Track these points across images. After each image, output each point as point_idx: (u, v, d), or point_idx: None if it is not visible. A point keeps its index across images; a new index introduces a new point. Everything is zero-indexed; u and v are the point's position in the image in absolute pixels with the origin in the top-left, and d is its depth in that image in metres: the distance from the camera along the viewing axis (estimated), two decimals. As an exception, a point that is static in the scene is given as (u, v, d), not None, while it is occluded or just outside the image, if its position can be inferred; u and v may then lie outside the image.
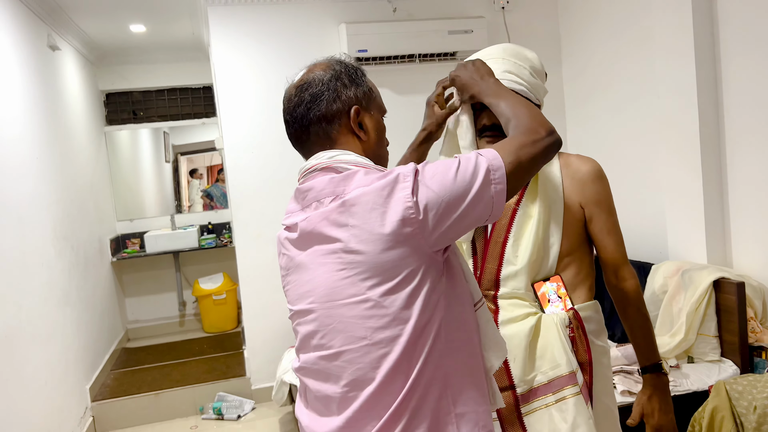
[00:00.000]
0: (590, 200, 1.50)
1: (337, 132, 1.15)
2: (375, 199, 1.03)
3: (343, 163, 1.11)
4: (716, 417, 2.20)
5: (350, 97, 1.16)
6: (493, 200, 1.05)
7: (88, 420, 3.75)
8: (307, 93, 1.16)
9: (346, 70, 1.19)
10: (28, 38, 3.49)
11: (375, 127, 1.20)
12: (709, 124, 2.86)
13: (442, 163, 1.06)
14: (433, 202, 1.02)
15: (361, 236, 1.03)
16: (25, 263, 2.99)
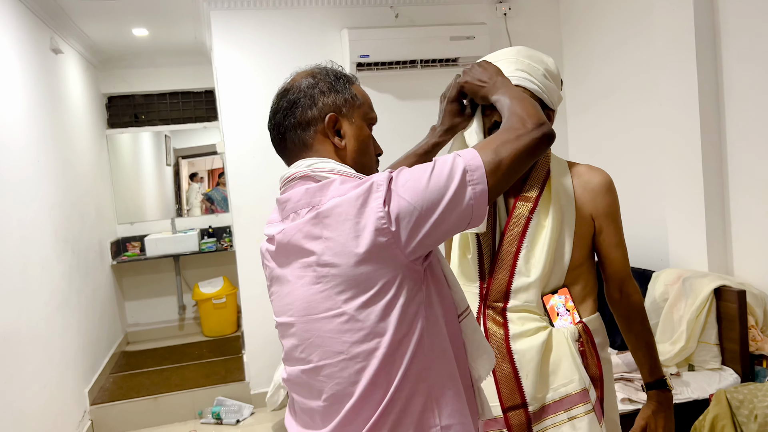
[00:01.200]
0: (601, 212, 1.47)
1: (312, 139, 1.13)
2: (348, 210, 1.00)
3: (321, 171, 1.09)
4: (717, 425, 2.19)
5: (327, 104, 1.14)
6: (473, 203, 1.00)
7: (87, 423, 3.74)
8: (285, 100, 1.16)
9: (327, 78, 1.17)
10: (31, 41, 3.49)
11: (355, 134, 1.15)
12: (710, 132, 2.86)
13: (418, 168, 1.02)
14: (404, 211, 0.98)
15: (335, 249, 1.00)
16: (25, 266, 2.99)
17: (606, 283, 1.52)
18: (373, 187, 1.00)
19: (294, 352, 1.10)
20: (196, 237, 5.44)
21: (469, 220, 1.02)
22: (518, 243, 1.43)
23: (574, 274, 1.47)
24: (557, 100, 1.48)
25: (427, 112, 4.02)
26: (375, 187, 1.00)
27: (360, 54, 3.69)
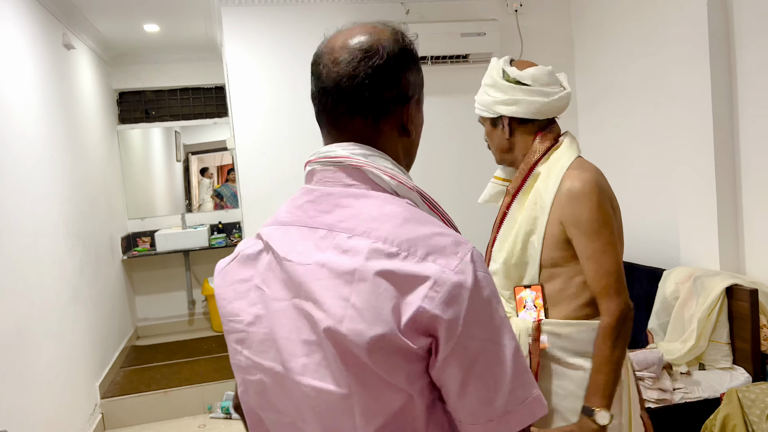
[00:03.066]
0: (568, 220, 1.44)
1: (384, 123, 0.90)
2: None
3: (376, 168, 0.87)
4: (728, 425, 2.18)
5: (411, 83, 0.91)
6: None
7: (98, 417, 3.77)
8: (367, 63, 0.87)
9: (412, 48, 0.93)
10: (43, 37, 3.52)
11: (419, 124, 0.97)
12: (723, 130, 2.84)
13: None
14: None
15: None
16: (38, 260, 3.02)
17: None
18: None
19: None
20: (206, 232, 5.47)
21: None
22: (495, 232, 1.56)
23: (548, 274, 1.48)
24: (516, 106, 1.51)
25: (437, 109, 4.01)
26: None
27: (370, 50, 3.69)
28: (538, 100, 1.49)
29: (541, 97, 1.49)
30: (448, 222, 0.89)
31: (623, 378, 1.47)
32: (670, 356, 2.68)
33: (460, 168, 4.03)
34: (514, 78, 1.51)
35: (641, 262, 3.43)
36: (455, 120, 4.02)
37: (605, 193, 1.46)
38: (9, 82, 2.89)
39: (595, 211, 1.41)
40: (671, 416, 2.41)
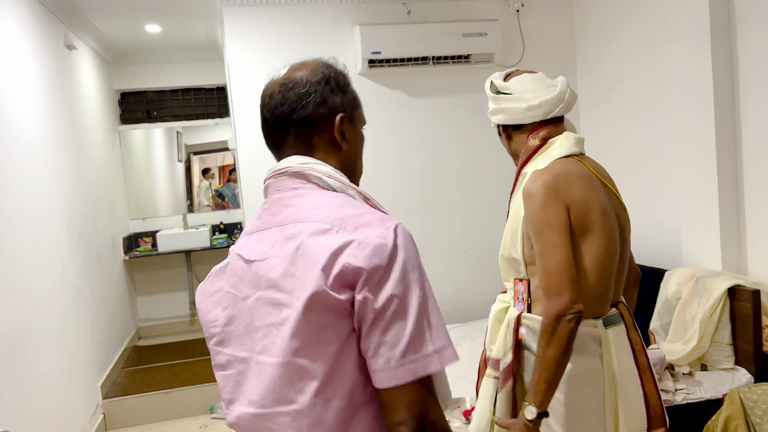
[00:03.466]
0: (525, 220, 1.53)
1: (317, 138, 1.07)
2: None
3: (317, 172, 1.04)
4: (730, 426, 2.18)
5: (336, 103, 1.07)
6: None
7: (99, 417, 3.77)
8: (293, 92, 1.06)
9: (335, 75, 1.10)
10: (45, 38, 3.52)
11: (356, 138, 1.12)
12: (725, 129, 2.83)
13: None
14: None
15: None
16: (40, 260, 3.02)
17: None
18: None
19: None
20: (207, 233, 5.47)
21: None
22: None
23: (531, 270, 1.55)
24: (503, 114, 1.65)
25: (439, 109, 4.01)
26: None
27: (372, 50, 3.69)
28: (518, 106, 1.59)
29: (520, 103, 1.59)
30: (382, 212, 1.03)
31: (604, 379, 1.48)
32: (672, 357, 2.68)
33: (462, 168, 4.03)
34: (498, 89, 1.66)
35: (643, 262, 3.42)
36: (457, 120, 4.02)
37: (555, 195, 1.46)
38: (11, 83, 2.90)
39: (538, 212, 1.46)
40: (673, 417, 2.40)
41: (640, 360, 1.53)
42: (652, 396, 1.51)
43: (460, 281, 4.03)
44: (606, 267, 1.50)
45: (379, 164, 3.94)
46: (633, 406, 1.48)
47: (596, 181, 1.55)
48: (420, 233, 4.03)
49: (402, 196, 3.99)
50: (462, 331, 3.63)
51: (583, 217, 1.47)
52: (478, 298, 3.91)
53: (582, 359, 1.47)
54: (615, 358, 1.48)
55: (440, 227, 4.05)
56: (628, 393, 1.48)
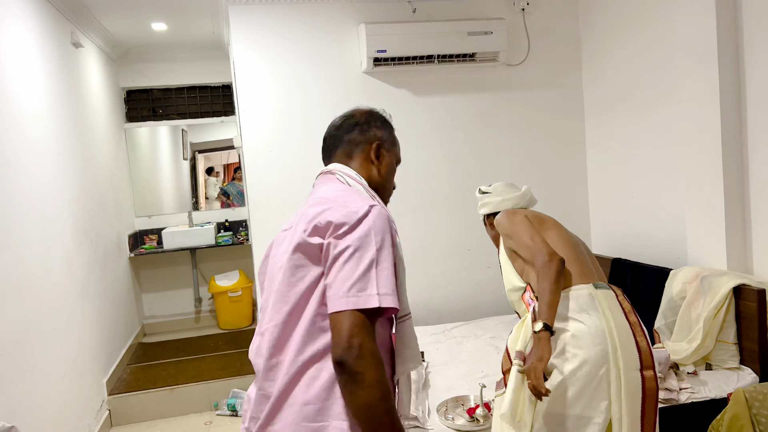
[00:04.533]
0: (503, 242, 2.29)
1: (357, 153, 1.48)
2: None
3: (344, 175, 1.43)
4: (735, 425, 2.17)
5: (377, 134, 1.50)
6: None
7: (105, 413, 3.79)
8: (349, 121, 1.50)
9: (381, 117, 1.53)
10: (52, 35, 3.54)
11: (387, 165, 1.51)
12: (731, 129, 2.83)
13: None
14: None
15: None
16: (46, 257, 3.04)
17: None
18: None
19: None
20: (212, 230, 5.49)
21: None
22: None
23: (525, 276, 2.14)
24: (486, 206, 2.44)
25: (444, 108, 4.01)
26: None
27: (377, 49, 3.69)
28: (496, 199, 2.41)
29: (498, 196, 2.41)
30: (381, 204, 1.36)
31: (604, 334, 1.86)
32: (677, 356, 2.68)
33: (467, 166, 4.03)
34: (483, 190, 2.47)
35: (648, 261, 3.42)
36: (462, 119, 4.02)
37: (514, 215, 2.20)
38: (18, 80, 2.91)
39: (507, 227, 2.18)
40: (678, 416, 2.40)
41: (630, 318, 1.92)
42: (642, 344, 1.88)
43: (463, 280, 4.03)
44: (572, 241, 2.09)
45: (384, 162, 3.94)
46: (627, 350, 1.84)
47: (542, 213, 2.26)
48: (424, 231, 4.03)
49: (406, 195, 3.99)
50: (466, 329, 3.64)
51: (537, 219, 2.17)
52: (481, 297, 3.91)
53: (585, 317, 1.88)
54: (609, 313, 1.89)
55: (444, 226, 4.06)
56: (622, 339, 1.85)
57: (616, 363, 1.82)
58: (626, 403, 1.80)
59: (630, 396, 1.80)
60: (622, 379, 1.81)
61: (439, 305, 4.05)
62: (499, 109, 4.05)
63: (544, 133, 4.11)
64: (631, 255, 3.61)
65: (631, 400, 1.81)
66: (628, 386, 1.81)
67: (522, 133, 4.09)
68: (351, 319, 1.16)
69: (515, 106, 4.07)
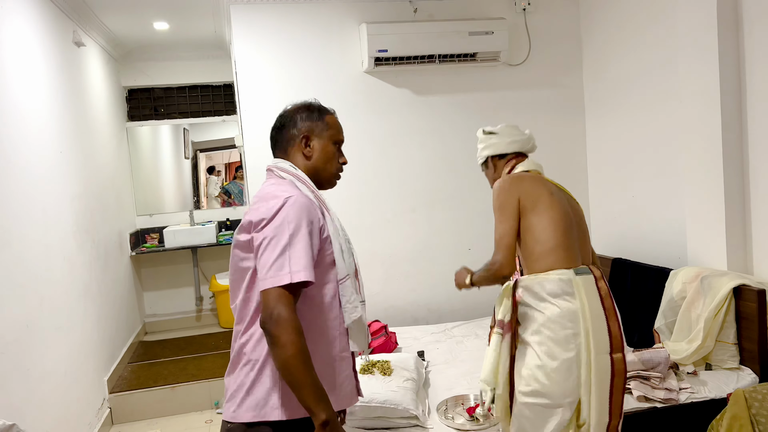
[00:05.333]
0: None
1: (290, 147, 1.70)
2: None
3: (278, 169, 1.67)
4: (734, 425, 2.18)
5: (304, 127, 1.70)
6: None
7: (106, 411, 3.80)
8: (279, 121, 1.73)
9: (308, 110, 1.72)
10: (54, 34, 3.54)
11: (321, 149, 1.70)
12: (732, 129, 2.83)
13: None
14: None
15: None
16: (48, 256, 3.04)
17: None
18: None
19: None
20: (213, 229, 5.49)
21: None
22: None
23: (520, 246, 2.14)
24: (492, 147, 2.32)
25: (445, 108, 4.02)
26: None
27: (378, 48, 3.69)
28: (505, 140, 2.30)
29: (506, 137, 2.30)
30: (312, 191, 1.65)
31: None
32: (677, 356, 2.68)
33: (468, 166, 4.03)
34: (488, 131, 2.35)
35: (648, 261, 3.42)
36: (463, 118, 4.02)
37: (508, 190, 2.10)
38: (20, 79, 2.92)
39: (495, 200, 2.11)
40: (677, 416, 2.41)
41: (606, 303, 1.98)
42: (614, 329, 1.96)
43: (465, 279, 4.03)
44: (563, 226, 2.03)
45: (385, 162, 3.95)
46: (598, 334, 1.93)
47: (545, 181, 2.16)
48: (425, 231, 4.03)
49: (408, 194, 3.99)
50: (467, 328, 3.64)
51: (531, 199, 2.06)
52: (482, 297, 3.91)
53: (562, 301, 1.95)
54: (585, 298, 1.95)
55: (445, 225, 4.06)
56: (595, 324, 1.94)
57: (588, 347, 1.92)
58: (595, 385, 1.90)
59: (599, 378, 1.91)
60: (593, 363, 1.91)
61: (440, 304, 4.05)
62: (500, 108, 4.05)
63: (544, 133, 4.11)
64: (632, 255, 3.61)
65: (600, 382, 1.91)
66: (597, 370, 1.91)
67: (523, 132, 4.09)
68: (271, 294, 1.43)
69: (516, 105, 4.08)
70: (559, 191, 2.16)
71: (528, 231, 2.04)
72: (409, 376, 2.61)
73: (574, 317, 1.93)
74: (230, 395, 1.57)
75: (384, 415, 2.35)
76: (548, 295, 1.96)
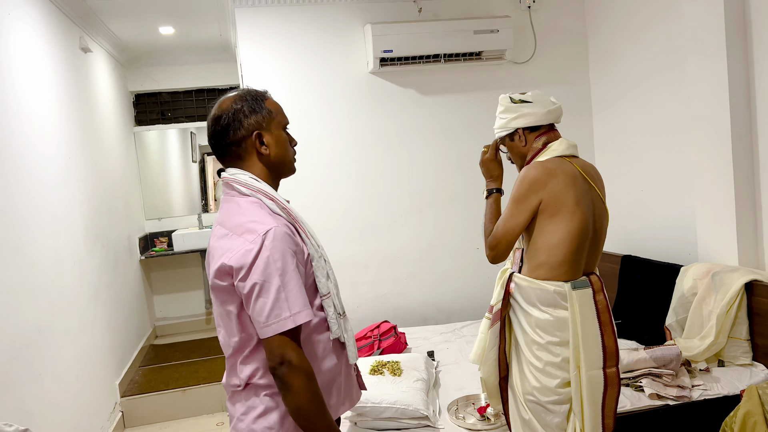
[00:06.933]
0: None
1: (244, 151, 1.50)
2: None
3: (238, 184, 1.48)
4: (748, 422, 2.16)
5: (251, 123, 1.49)
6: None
7: (118, 415, 3.82)
8: (219, 125, 1.49)
9: (247, 102, 1.50)
10: (61, 41, 3.57)
11: (276, 140, 1.52)
12: (741, 124, 2.80)
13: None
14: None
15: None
16: (58, 261, 3.06)
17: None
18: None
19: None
20: (222, 232, 5.50)
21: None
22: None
23: (526, 241, 2.04)
24: (519, 121, 2.06)
25: (451, 107, 4.01)
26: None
27: (383, 49, 3.69)
28: (540, 110, 2.03)
29: (542, 107, 2.04)
30: (283, 207, 1.49)
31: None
32: (689, 353, 2.66)
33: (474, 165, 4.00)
34: (519, 99, 2.06)
35: (658, 257, 3.40)
36: (469, 118, 4.01)
37: (534, 186, 1.93)
38: (27, 86, 2.94)
39: (517, 189, 1.96)
40: (690, 413, 2.39)
41: (602, 317, 1.91)
42: (609, 343, 1.91)
43: (472, 278, 4.02)
44: (576, 242, 1.91)
45: (392, 162, 3.95)
46: (591, 349, 1.88)
47: (580, 179, 1.96)
48: (432, 230, 4.03)
49: (414, 194, 3.99)
50: (476, 328, 3.63)
51: (555, 204, 1.91)
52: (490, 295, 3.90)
53: (553, 311, 1.90)
54: (579, 312, 1.88)
55: (452, 224, 4.05)
56: (588, 338, 1.88)
57: (577, 362, 1.88)
58: (587, 398, 1.88)
59: (591, 391, 1.88)
60: (583, 378, 1.87)
61: (448, 304, 4.05)
62: (506, 107, 4.04)
63: (552, 131, 4.10)
64: (641, 251, 3.59)
65: (592, 394, 1.89)
66: (589, 385, 1.88)
67: (530, 130, 4.07)
68: (276, 342, 1.36)
69: (523, 103, 4.06)
70: (588, 192, 1.97)
71: (541, 234, 1.93)
72: (420, 376, 2.60)
73: (563, 326, 1.89)
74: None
75: (394, 416, 2.34)
76: (539, 302, 1.92)
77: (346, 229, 3.88)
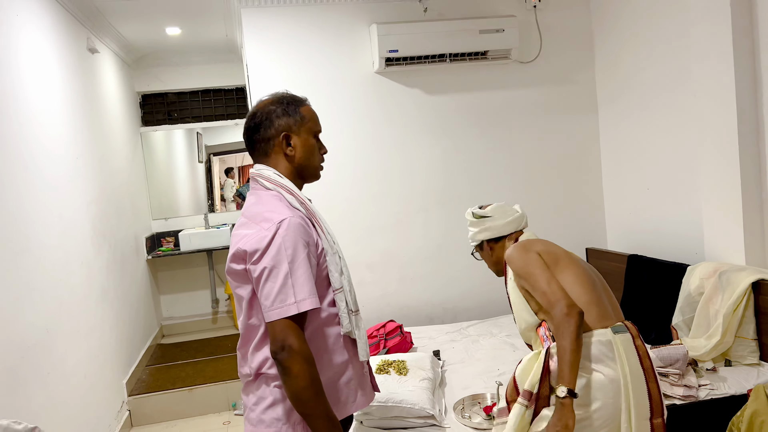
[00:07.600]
0: (515, 278, 2.07)
1: (270, 149, 1.62)
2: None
3: (262, 178, 1.60)
4: (755, 421, 2.15)
5: (281, 125, 1.61)
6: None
7: (125, 414, 3.84)
8: (253, 121, 1.62)
9: (282, 105, 1.62)
10: (68, 42, 3.59)
11: (303, 144, 1.63)
12: (747, 122, 2.79)
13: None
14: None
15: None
16: (66, 260, 3.08)
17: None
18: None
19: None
20: (228, 232, 5.53)
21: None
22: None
23: (541, 315, 1.98)
24: (483, 234, 2.22)
25: (456, 107, 4.01)
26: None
27: (389, 49, 3.69)
28: (500, 222, 2.20)
29: (502, 219, 2.20)
30: (302, 202, 1.57)
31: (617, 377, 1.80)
32: (696, 352, 2.65)
33: (480, 165, 4.02)
34: (480, 215, 2.25)
35: (665, 257, 3.39)
36: (475, 117, 4.01)
37: (525, 249, 2.01)
38: (35, 86, 2.96)
39: (519, 263, 1.99)
40: (697, 413, 2.38)
41: (645, 363, 1.85)
42: (654, 392, 1.83)
43: (478, 278, 4.02)
44: (589, 282, 1.93)
45: (398, 161, 3.95)
46: (640, 400, 1.80)
47: (552, 243, 2.08)
48: (438, 230, 4.03)
49: (420, 193, 3.99)
50: (482, 327, 3.63)
51: (550, 256, 1.97)
52: (496, 295, 3.90)
53: (603, 367, 1.81)
54: (626, 361, 1.81)
55: (458, 224, 4.05)
56: (637, 389, 1.80)
57: (628, 412, 1.80)
58: None
59: None
60: (633, 429, 1.79)
61: (455, 303, 4.05)
62: (511, 106, 4.04)
63: (557, 130, 4.09)
64: (648, 251, 3.58)
65: None
66: None
67: (535, 130, 4.07)
68: (279, 326, 1.42)
69: (528, 103, 4.06)
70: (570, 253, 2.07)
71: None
72: (425, 375, 2.61)
73: (617, 384, 1.80)
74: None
75: (400, 414, 2.35)
76: (590, 361, 1.80)
77: (352, 229, 3.89)
